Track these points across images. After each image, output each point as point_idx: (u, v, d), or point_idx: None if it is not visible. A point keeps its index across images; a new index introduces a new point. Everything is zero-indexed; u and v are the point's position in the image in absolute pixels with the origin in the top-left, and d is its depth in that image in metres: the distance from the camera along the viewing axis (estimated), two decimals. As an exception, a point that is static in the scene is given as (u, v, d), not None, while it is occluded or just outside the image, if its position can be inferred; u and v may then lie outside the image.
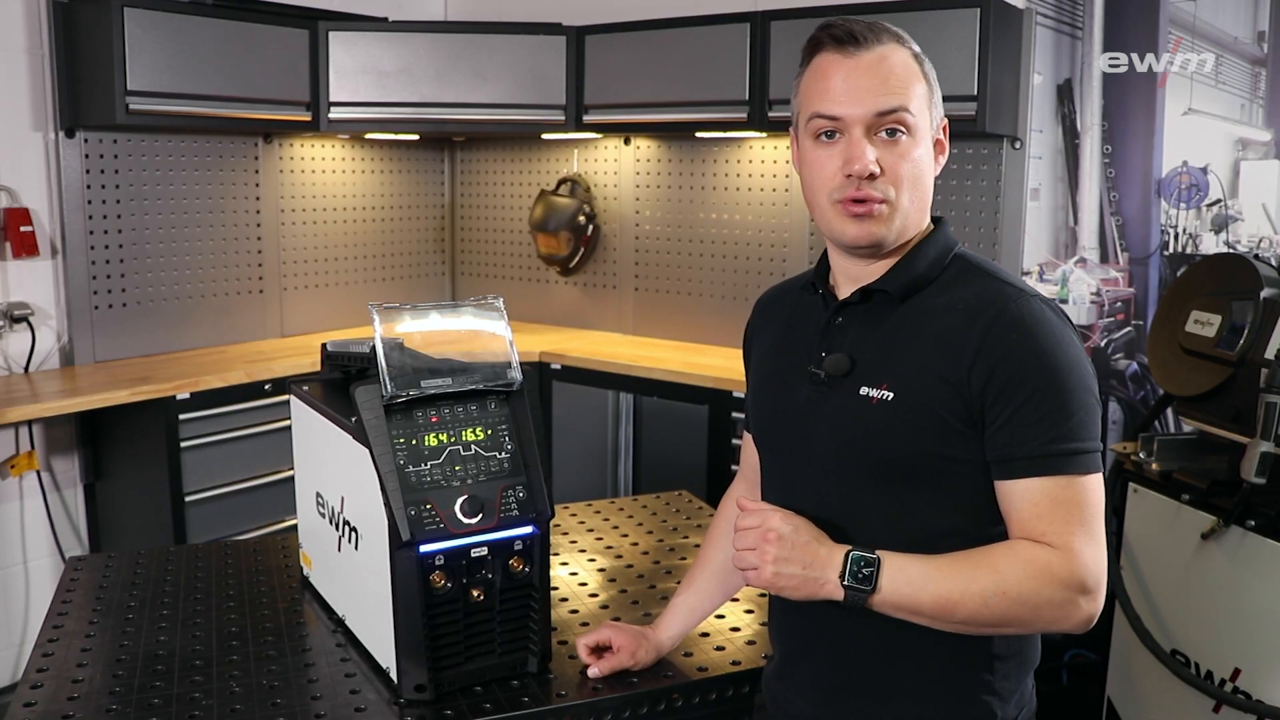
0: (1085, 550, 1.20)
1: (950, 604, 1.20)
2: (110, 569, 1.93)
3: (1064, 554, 1.19)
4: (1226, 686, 2.10)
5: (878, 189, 1.26)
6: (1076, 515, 1.21)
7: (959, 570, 1.21)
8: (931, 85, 1.32)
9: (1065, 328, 1.25)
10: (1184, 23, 3.02)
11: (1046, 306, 1.25)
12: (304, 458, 1.81)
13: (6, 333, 3.25)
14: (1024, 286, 1.28)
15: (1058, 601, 1.19)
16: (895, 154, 1.26)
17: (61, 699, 1.46)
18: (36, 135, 3.30)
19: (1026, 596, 1.19)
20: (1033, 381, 1.20)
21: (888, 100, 1.26)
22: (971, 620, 1.21)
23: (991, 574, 1.20)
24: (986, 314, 1.23)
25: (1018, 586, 1.19)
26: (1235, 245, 2.99)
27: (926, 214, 1.33)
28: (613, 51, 3.65)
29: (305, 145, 4.02)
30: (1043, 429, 1.20)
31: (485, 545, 1.45)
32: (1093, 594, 1.20)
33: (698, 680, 1.54)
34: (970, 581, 1.20)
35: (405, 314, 1.50)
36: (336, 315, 4.14)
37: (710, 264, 3.92)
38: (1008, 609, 1.19)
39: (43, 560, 3.40)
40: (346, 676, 1.53)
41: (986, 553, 1.22)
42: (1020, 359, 1.21)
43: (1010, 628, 1.23)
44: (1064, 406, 1.20)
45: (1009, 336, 1.21)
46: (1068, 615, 1.20)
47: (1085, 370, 1.23)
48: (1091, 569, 1.19)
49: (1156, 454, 2.30)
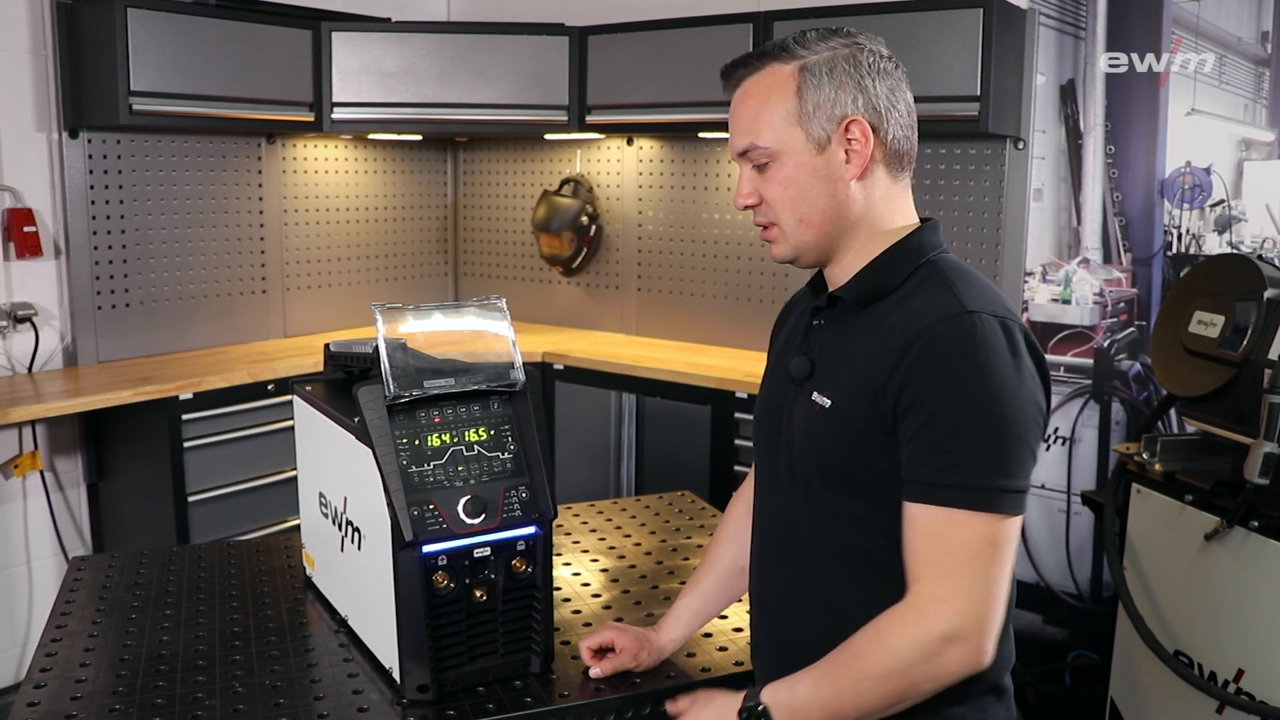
0: (952, 597, 1.16)
1: (836, 710, 1.21)
2: (113, 569, 1.93)
3: (922, 606, 1.17)
4: (1230, 687, 2.10)
5: (761, 216, 1.33)
6: (953, 556, 1.17)
7: (831, 671, 1.22)
8: (805, 96, 1.27)
9: (1003, 355, 1.18)
10: (1187, 23, 3.02)
11: (992, 328, 1.18)
12: (307, 458, 1.81)
13: (10, 333, 3.25)
14: (978, 305, 1.20)
15: (923, 658, 1.16)
16: (764, 181, 1.32)
17: (65, 699, 1.47)
18: (40, 136, 3.30)
19: (891, 669, 1.18)
20: (932, 404, 1.17)
21: (740, 141, 1.32)
22: (865, 712, 1.20)
23: (855, 661, 1.20)
24: (914, 328, 1.20)
25: (879, 664, 1.18)
26: (1238, 246, 2.99)
27: (844, 222, 1.30)
28: (616, 52, 3.65)
29: (308, 145, 4.02)
30: (934, 455, 1.17)
31: (488, 545, 1.45)
32: (965, 640, 1.16)
33: (700, 681, 1.54)
34: (839, 678, 1.21)
35: (408, 314, 1.50)
36: (339, 316, 4.15)
37: (713, 264, 3.92)
38: (883, 688, 1.18)
39: (46, 560, 3.41)
40: (349, 677, 1.53)
41: (852, 641, 1.21)
42: (926, 379, 1.18)
43: (904, 701, 1.20)
44: (963, 435, 1.16)
45: (926, 355, 1.18)
46: (943, 669, 1.17)
47: (1007, 402, 1.17)
48: (952, 617, 1.15)
49: (1159, 455, 2.30)
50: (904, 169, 1.32)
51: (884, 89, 1.28)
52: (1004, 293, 1.29)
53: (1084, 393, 3.25)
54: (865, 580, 1.27)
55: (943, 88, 3.01)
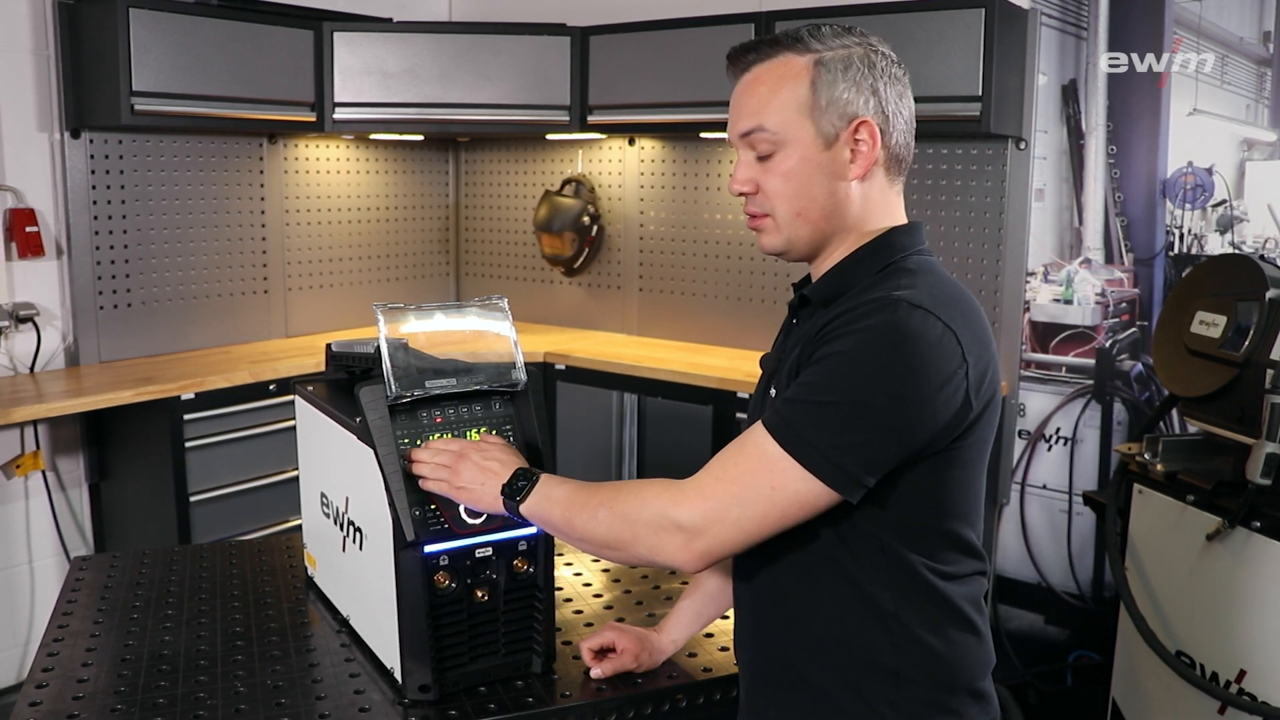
0: (709, 502, 1.20)
1: (569, 519, 1.30)
2: (115, 569, 1.94)
3: (688, 490, 1.22)
4: (1232, 688, 2.10)
5: (755, 205, 1.33)
6: (737, 472, 1.21)
7: (595, 489, 1.30)
8: (819, 91, 1.27)
9: (912, 345, 1.15)
10: (1189, 23, 3.01)
11: (914, 318, 1.16)
12: (308, 458, 1.81)
13: (12, 333, 3.25)
14: (915, 298, 1.18)
15: (655, 527, 1.22)
16: (764, 170, 1.31)
17: (66, 698, 1.47)
18: (42, 136, 3.30)
19: (628, 516, 1.25)
20: (817, 363, 1.19)
21: (744, 122, 1.31)
22: (587, 535, 1.29)
23: (614, 492, 1.27)
24: (842, 310, 1.22)
25: (624, 505, 1.25)
26: (1240, 246, 2.98)
27: (839, 221, 1.30)
28: (617, 52, 3.65)
29: (310, 146, 4.02)
30: (789, 393, 1.21)
31: (490, 546, 1.45)
32: (690, 539, 1.20)
33: (702, 681, 1.54)
34: (592, 495, 1.29)
35: (410, 314, 1.50)
36: (341, 315, 4.15)
37: (714, 265, 3.92)
38: (611, 524, 1.26)
39: (48, 560, 3.41)
40: (351, 677, 1.53)
41: (629, 481, 1.30)
42: (827, 345, 1.19)
43: (617, 550, 1.27)
44: (822, 390, 1.17)
45: (835, 327, 1.20)
46: (659, 546, 1.23)
47: (880, 389, 1.15)
48: (696, 516, 1.20)
49: (1161, 455, 2.30)
50: (901, 173, 1.34)
51: (894, 94, 1.30)
52: (972, 301, 1.26)
53: (1086, 393, 3.25)
54: (825, 581, 1.27)
55: (944, 88, 3.01)
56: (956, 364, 1.18)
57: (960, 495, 1.26)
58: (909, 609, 1.25)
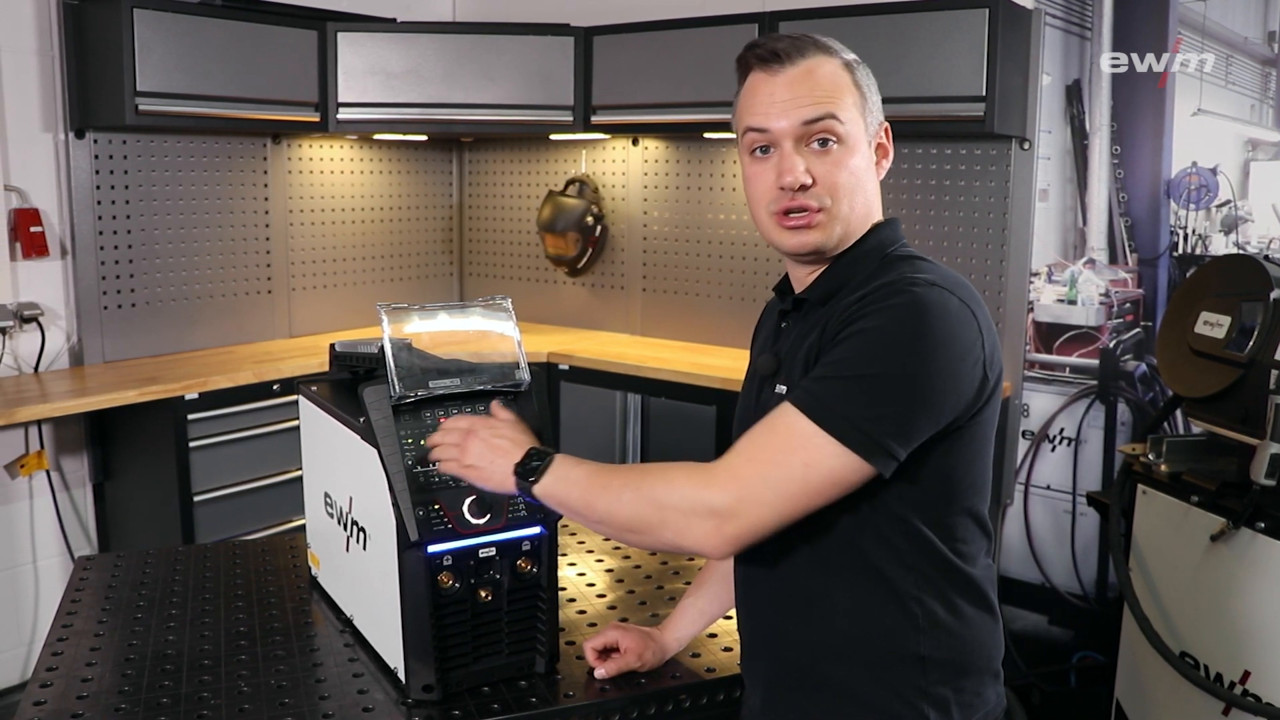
0: (741, 483, 1.17)
1: (589, 500, 1.25)
2: (119, 569, 1.94)
3: (718, 473, 1.19)
4: (1236, 689, 2.10)
5: (813, 198, 1.28)
6: (770, 450, 1.18)
7: (617, 470, 1.26)
8: (865, 92, 1.31)
9: (940, 321, 1.17)
10: (1193, 23, 3.01)
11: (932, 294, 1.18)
12: (312, 458, 1.81)
13: (16, 333, 3.26)
14: (934, 278, 1.21)
15: (684, 510, 1.18)
16: (829, 163, 1.28)
17: (71, 698, 1.47)
18: (46, 136, 3.31)
19: (655, 498, 1.20)
20: (844, 341, 1.19)
21: (813, 109, 1.27)
22: (608, 518, 1.23)
23: (638, 475, 1.23)
24: (859, 296, 1.22)
25: (651, 487, 1.21)
26: (1245, 246, 2.98)
27: (870, 219, 1.33)
28: (621, 52, 3.66)
29: (314, 146, 4.02)
30: (817, 370, 1.20)
31: (493, 546, 1.45)
32: (722, 522, 1.17)
33: (705, 681, 1.54)
34: (614, 476, 1.24)
35: (413, 314, 1.50)
36: (344, 316, 4.15)
37: (718, 265, 3.92)
38: (637, 507, 1.21)
39: (52, 560, 3.42)
40: (354, 676, 1.53)
41: (653, 464, 1.25)
42: (854, 328, 1.19)
43: (641, 533, 1.22)
44: (850, 365, 1.17)
45: (857, 310, 1.20)
46: (688, 531, 1.18)
47: (909, 361, 1.16)
48: (729, 499, 1.17)
49: (1165, 455, 2.30)
50: None
51: None
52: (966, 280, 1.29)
53: (1090, 393, 3.24)
54: (845, 573, 1.27)
55: (948, 88, 3.01)
56: (975, 335, 1.20)
57: (978, 471, 1.28)
58: (931, 590, 1.25)
